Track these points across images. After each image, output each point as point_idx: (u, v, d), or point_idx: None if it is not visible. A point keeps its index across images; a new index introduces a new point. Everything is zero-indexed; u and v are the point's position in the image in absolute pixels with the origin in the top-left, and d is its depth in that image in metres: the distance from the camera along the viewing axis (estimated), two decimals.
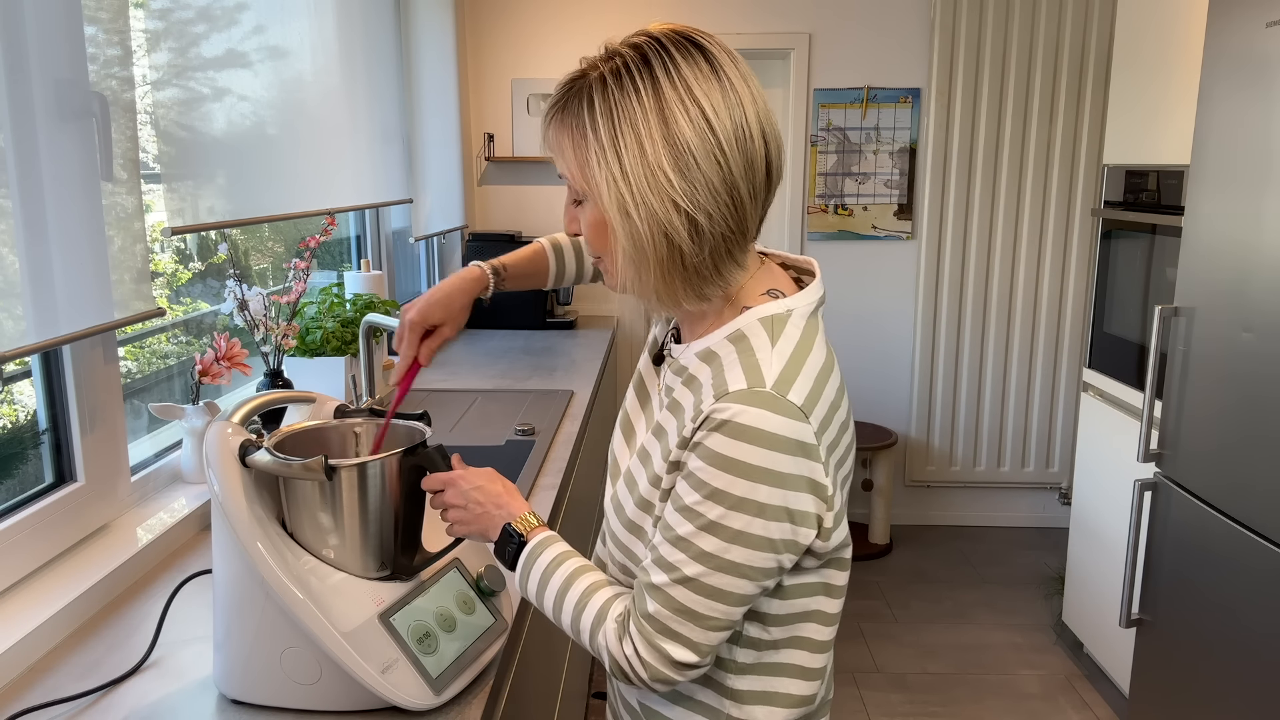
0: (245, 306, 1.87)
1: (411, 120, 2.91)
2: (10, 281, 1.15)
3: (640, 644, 0.91)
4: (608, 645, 0.94)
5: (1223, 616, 2.03)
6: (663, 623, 0.90)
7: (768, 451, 0.85)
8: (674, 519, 0.90)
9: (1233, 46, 2.00)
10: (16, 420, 1.44)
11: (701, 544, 0.88)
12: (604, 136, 0.88)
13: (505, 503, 1.04)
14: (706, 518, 0.87)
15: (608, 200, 0.89)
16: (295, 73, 2.04)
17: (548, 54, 3.80)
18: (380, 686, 0.99)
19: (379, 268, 2.99)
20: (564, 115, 0.91)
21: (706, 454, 0.87)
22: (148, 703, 1.07)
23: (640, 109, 0.87)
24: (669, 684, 0.92)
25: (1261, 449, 1.89)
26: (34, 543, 1.31)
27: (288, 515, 1.05)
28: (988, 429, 4.06)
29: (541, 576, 0.99)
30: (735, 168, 0.88)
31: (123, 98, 1.37)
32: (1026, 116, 3.79)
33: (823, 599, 0.99)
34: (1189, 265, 2.18)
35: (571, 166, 0.92)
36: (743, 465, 0.85)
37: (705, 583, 0.88)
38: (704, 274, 0.91)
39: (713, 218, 0.88)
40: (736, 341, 0.92)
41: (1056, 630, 3.25)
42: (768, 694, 1.00)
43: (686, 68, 0.89)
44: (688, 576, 0.89)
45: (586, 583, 0.97)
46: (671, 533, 0.90)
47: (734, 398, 0.86)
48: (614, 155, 0.87)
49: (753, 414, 0.85)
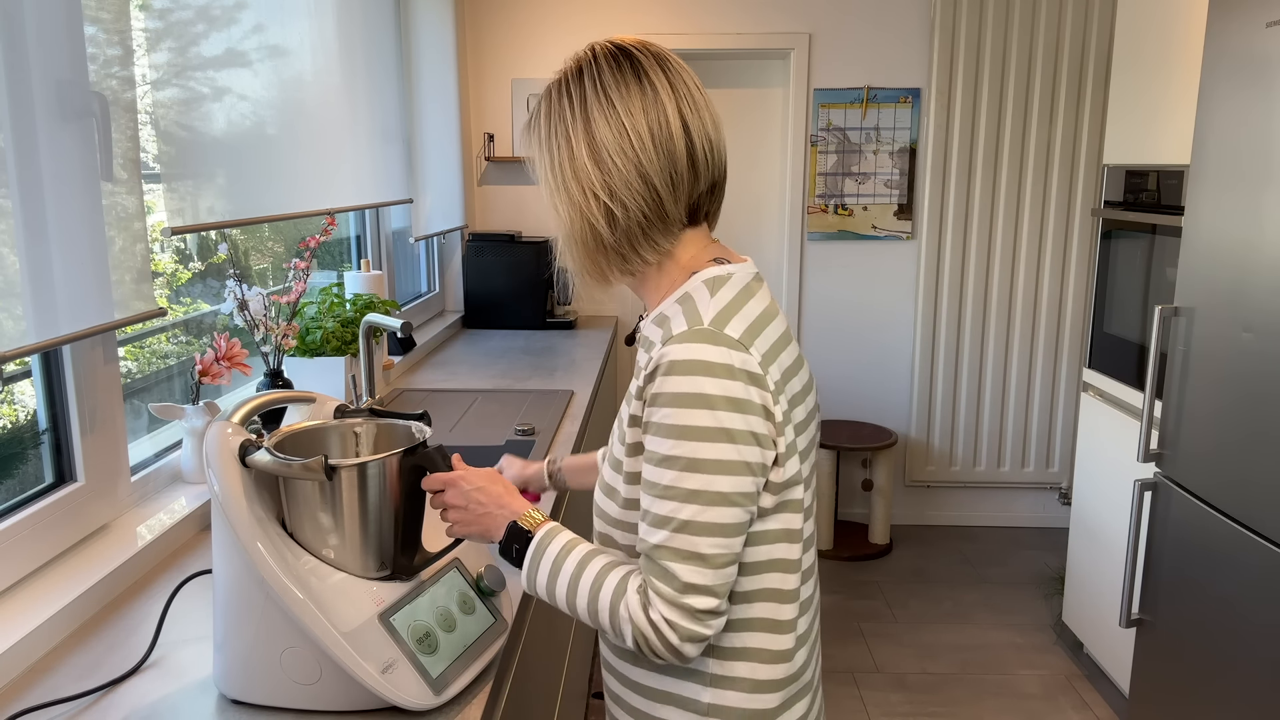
0: (245, 306, 1.87)
1: (411, 120, 2.91)
2: (10, 281, 1.15)
3: (664, 607, 0.93)
4: (632, 618, 0.95)
5: (1223, 616, 2.03)
6: (677, 578, 0.93)
7: (718, 380, 0.93)
8: (654, 474, 0.95)
9: (1233, 46, 2.00)
10: (16, 420, 1.44)
11: (687, 485, 0.93)
12: (542, 137, 1.04)
13: (507, 502, 1.07)
14: (684, 458, 0.93)
15: (544, 190, 1.05)
16: (295, 72, 2.03)
17: (548, 54, 3.80)
18: (380, 686, 0.99)
19: (379, 268, 2.99)
20: (529, 121, 1.08)
21: (664, 398, 0.94)
22: (148, 703, 1.07)
23: (570, 113, 1.01)
24: (700, 641, 0.94)
25: (1262, 449, 1.89)
26: (34, 543, 1.31)
27: (288, 515, 1.05)
28: (988, 429, 4.06)
29: (552, 566, 1.01)
30: (650, 161, 0.99)
31: (123, 97, 1.37)
32: (1026, 116, 3.79)
33: (784, 545, 1.02)
34: (1189, 265, 2.18)
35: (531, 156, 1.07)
36: (699, 397, 0.92)
37: (702, 521, 0.93)
38: (622, 253, 1.03)
39: (628, 206, 1.00)
40: (683, 301, 1.02)
41: (1056, 630, 3.25)
42: (745, 650, 1.02)
43: (609, 75, 1.00)
44: (685, 521, 0.93)
45: (601, 563, 1.00)
46: (656, 488, 0.95)
47: (675, 339, 0.95)
48: (547, 153, 1.03)
49: (694, 348, 0.94)
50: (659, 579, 0.94)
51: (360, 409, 1.18)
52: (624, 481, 1.03)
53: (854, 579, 3.66)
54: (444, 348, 3.22)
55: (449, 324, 3.46)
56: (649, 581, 0.95)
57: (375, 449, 1.18)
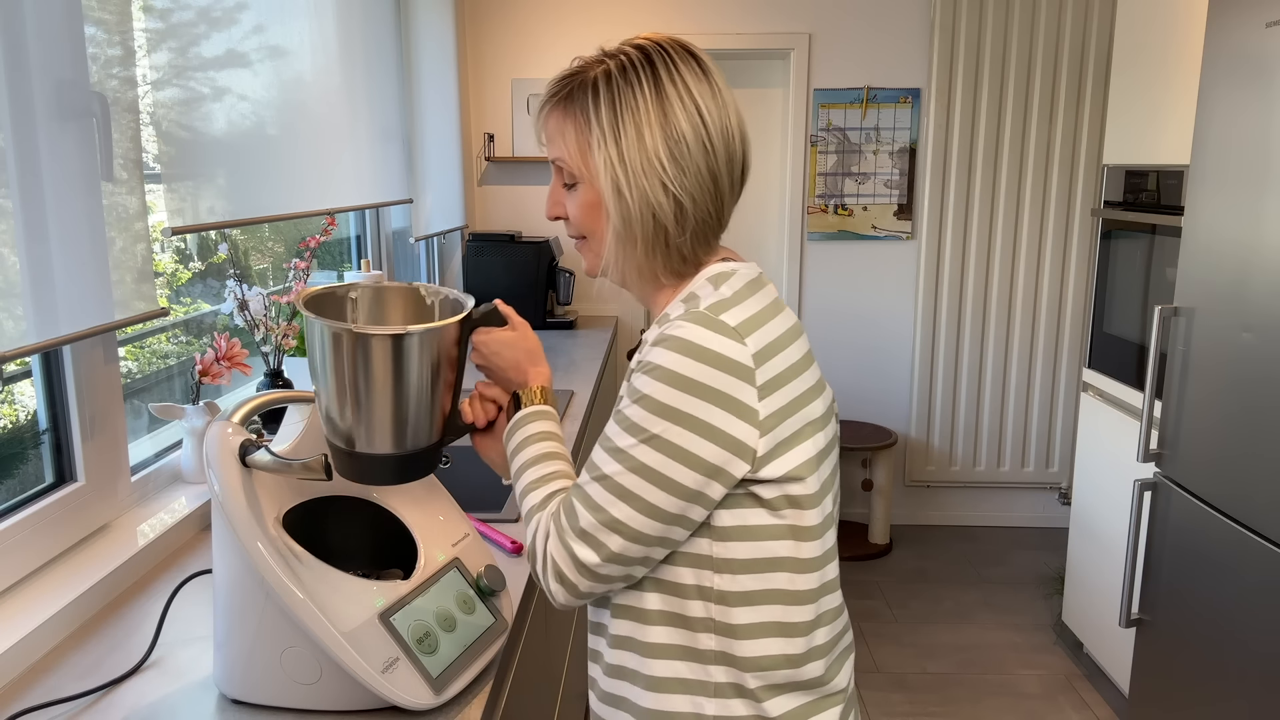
0: (245, 306, 1.87)
1: (411, 120, 2.91)
2: (10, 281, 1.15)
3: (554, 542, 0.95)
4: (535, 534, 0.98)
5: (1223, 616, 2.03)
6: (576, 519, 0.94)
7: (700, 365, 0.91)
8: (612, 431, 0.95)
9: (1232, 46, 2.00)
10: (17, 420, 1.44)
11: (619, 442, 0.93)
12: (605, 124, 0.97)
13: (524, 369, 1.09)
14: (630, 419, 0.93)
15: (604, 181, 0.98)
16: (295, 73, 2.04)
17: (548, 54, 3.80)
18: (380, 686, 0.99)
19: (379, 268, 2.99)
20: (568, 104, 1.00)
21: (647, 367, 0.93)
22: (148, 703, 1.07)
23: (642, 101, 0.96)
24: (569, 590, 0.95)
25: (1261, 449, 1.89)
26: (34, 543, 1.31)
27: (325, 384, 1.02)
28: (987, 429, 4.06)
29: (518, 443, 1.05)
30: (719, 160, 0.99)
31: (123, 98, 1.37)
32: (1026, 116, 3.79)
33: (792, 543, 0.96)
34: (1189, 265, 2.18)
35: (570, 151, 1.00)
36: (674, 375, 0.91)
37: (618, 482, 0.92)
38: (683, 253, 1.01)
39: (696, 203, 0.98)
40: (688, 300, 1.00)
41: (1056, 630, 3.25)
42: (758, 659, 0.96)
43: (685, 69, 0.98)
44: (604, 474, 0.93)
45: (550, 469, 1.02)
46: (607, 442, 0.95)
47: (673, 321, 0.94)
48: (614, 141, 0.97)
49: (688, 329, 0.92)
50: (565, 514, 0.95)
51: None
52: None
53: (854, 579, 3.65)
54: None
55: None
56: (557, 514, 0.97)
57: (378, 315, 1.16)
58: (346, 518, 1.16)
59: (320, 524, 1.12)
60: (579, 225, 1.04)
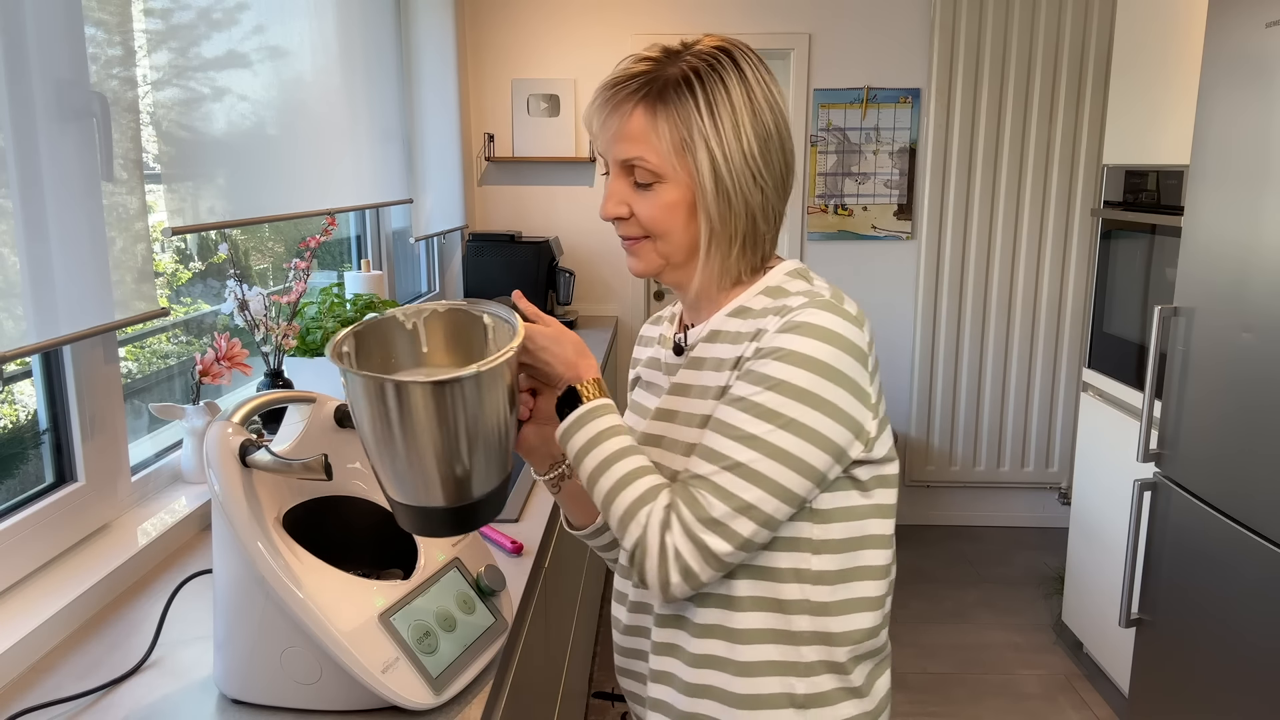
0: (245, 306, 1.87)
1: (411, 120, 2.91)
2: (11, 281, 1.15)
3: (680, 536, 0.92)
4: (647, 528, 0.93)
5: (1223, 616, 2.03)
6: (705, 509, 0.92)
7: (834, 350, 0.93)
8: (734, 417, 0.93)
9: (1232, 46, 2.00)
10: (17, 420, 1.44)
11: (752, 429, 0.92)
12: (706, 122, 0.96)
13: (575, 363, 1.03)
14: (764, 406, 0.92)
15: (706, 180, 0.97)
16: (295, 73, 2.04)
17: (548, 54, 3.80)
18: (380, 686, 0.99)
19: (379, 268, 2.99)
20: (660, 103, 0.97)
21: (776, 352, 0.93)
22: (148, 703, 1.07)
23: (736, 98, 0.97)
24: (694, 585, 0.93)
25: (1261, 449, 1.89)
26: (34, 543, 1.31)
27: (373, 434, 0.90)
28: (987, 429, 4.06)
29: (594, 437, 0.98)
30: (791, 157, 1.02)
31: (124, 98, 1.37)
32: (1026, 116, 3.79)
33: (878, 521, 1.02)
34: (1189, 265, 2.18)
35: (661, 150, 0.97)
36: (814, 360, 0.92)
37: (754, 469, 0.91)
38: (764, 248, 1.03)
39: (779, 197, 1.01)
40: (773, 293, 1.01)
41: (1056, 630, 3.25)
42: (848, 634, 1.01)
43: (761, 68, 1.00)
44: (738, 462, 0.92)
45: (641, 461, 0.97)
46: (731, 430, 0.93)
47: (799, 306, 0.95)
48: (716, 139, 0.96)
49: (821, 315, 0.94)
50: (687, 505, 0.92)
51: None
52: None
53: None
54: None
55: None
56: (676, 505, 0.93)
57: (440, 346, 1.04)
58: (346, 518, 1.16)
59: (320, 524, 1.12)
60: (653, 225, 1.00)
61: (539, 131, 3.82)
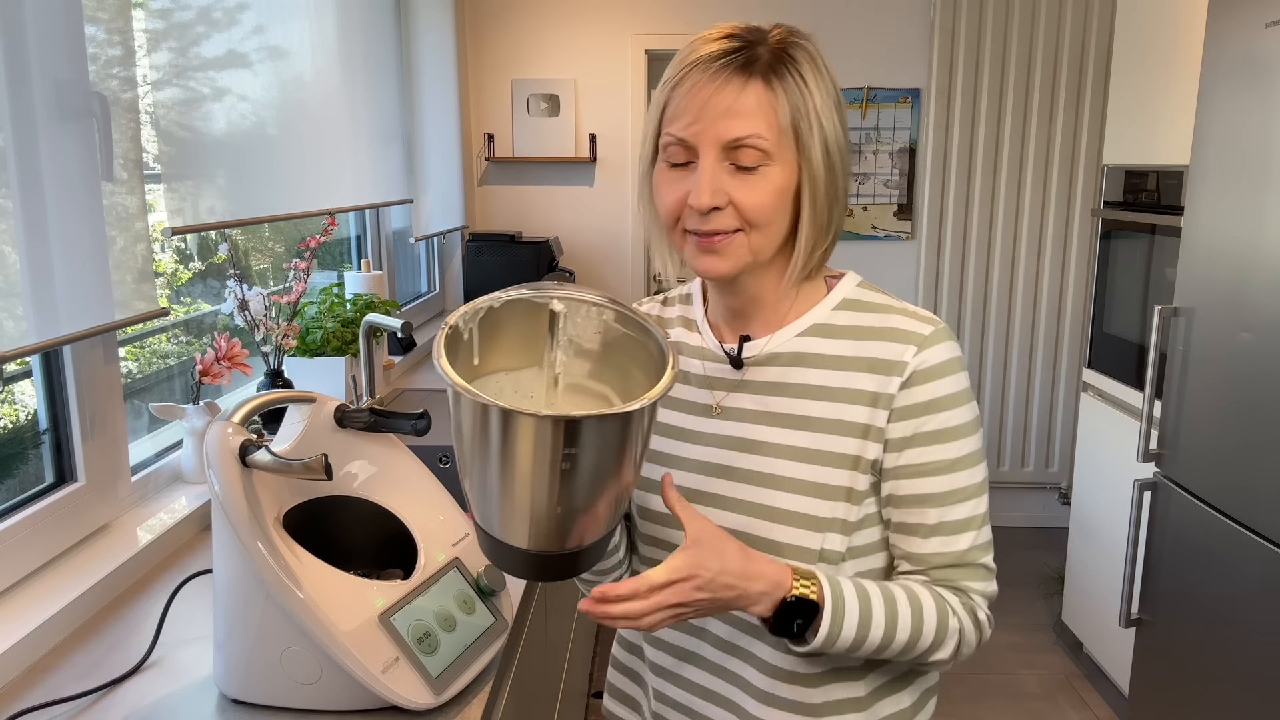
0: (245, 306, 1.87)
1: (411, 120, 2.91)
2: (11, 281, 1.15)
3: (983, 602, 0.95)
4: (963, 629, 0.92)
5: (1223, 616, 2.03)
6: (986, 568, 0.94)
7: (965, 372, 0.94)
8: (942, 483, 0.92)
9: (1233, 47, 2.00)
10: (17, 420, 1.44)
11: (976, 479, 0.94)
12: (816, 98, 0.89)
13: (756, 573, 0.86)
14: (969, 454, 0.93)
15: (818, 160, 0.90)
16: (295, 73, 2.04)
17: (548, 54, 3.80)
18: (380, 686, 0.99)
19: (379, 268, 2.99)
20: (776, 77, 0.89)
21: (937, 403, 0.91)
22: (148, 703, 1.07)
23: (826, 83, 0.91)
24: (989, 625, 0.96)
25: (1261, 449, 1.89)
26: (34, 543, 1.31)
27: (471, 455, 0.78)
28: (987, 429, 4.06)
29: (859, 624, 0.88)
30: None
31: (123, 97, 1.37)
32: (1026, 116, 3.79)
33: None
34: (1189, 265, 2.18)
35: (777, 125, 0.88)
36: (966, 392, 0.93)
37: (983, 512, 0.94)
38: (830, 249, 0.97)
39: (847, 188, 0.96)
40: (860, 308, 0.97)
41: (1056, 630, 3.25)
42: None
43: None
44: (984, 514, 0.94)
45: (904, 595, 0.91)
46: (950, 496, 0.92)
47: (932, 340, 0.92)
48: (828, 116, 0.90)
49: (947, 347, 0.93)
50: (976, 580, 0.94)
51: (361, 409, 1.18)
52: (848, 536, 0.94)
53: None
54: None
55: None
56: (966, 587, 0.93)
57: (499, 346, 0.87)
58: (346, 518, 1.16)
59: (320, 524, 1.12)
60: (757, 214, 0.89)
61: (539, 131, 3.82)
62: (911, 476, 0.92)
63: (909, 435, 0.92)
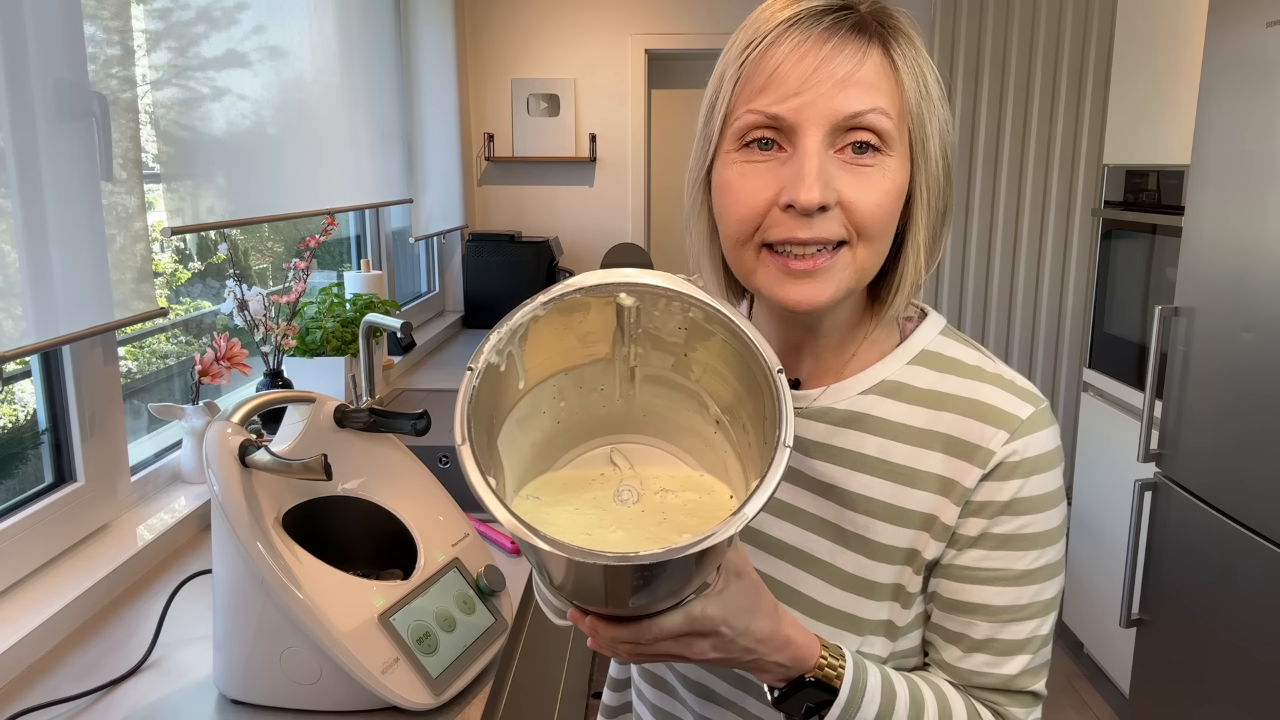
0: (245, 306, 1.87)
1: (411, 120, 2.91)
2: (10, 281, 1.15)
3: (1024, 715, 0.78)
4: None
5: (1223, 616, 2.03)
6: (1034, 694, 0.77)
7: (1061, 465, 0.75)
8: (1004, 595, 0.73)
9: (1233, 46, 2.00)
10: (16, 420, 1.44)
11: (1046, 596, 0.75)
12: (936, 90, 0.70)
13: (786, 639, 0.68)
14: (1045, 567, 0.74)
15: (935, 155, 0.70)
16: (295, 73, 2.03)
17: (548, 54, 3.80)
18: (380, 686, 0.99)
19: (379, 268, 2.99)
20: (894, 44, 0.68)
21: (1022, 504, 0.72)
22: (148, 703, 1.07)
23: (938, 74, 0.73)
24: None
25: (1262, 449, 1.89)
26: (34, 543, 1.31)
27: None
28: None
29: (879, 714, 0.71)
30: None
31: (123, 97, 1.37)
32: (1026, 116, 3.79)
33: None
34: (1189, 265, 2.18)
35: (899, 107, 0.68)
36: (1058, 494, 0.74)
37: (1051, 628, 0.75)
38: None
39: None
40: (942, 365, 0.76)
41: (1056, 630, 3.24)
42: None
43: None
44: (1045, 636, 0.75)
45: (932, 696, 0.74)
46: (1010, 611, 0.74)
47: (1029, 427, 0.72)
48: (946, 114, 0.71)
49: (1048, 436, 0.73)
50: (1019, 706, 0.76)
51: (360, 409, 1.18)
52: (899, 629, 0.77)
53: None
54: (444, 348, 3.22)
55: (449, 324, 3.46)
56: (1007, 712, 0.75)
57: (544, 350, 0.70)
58: (346, 518, 1.16)
59: (320, 524, 1.12)
60: (872, 220, 0.68)
61: (539, 131, 3.81)
62: (966, 581, 0.74)
63: (975, 535, 0.73)
